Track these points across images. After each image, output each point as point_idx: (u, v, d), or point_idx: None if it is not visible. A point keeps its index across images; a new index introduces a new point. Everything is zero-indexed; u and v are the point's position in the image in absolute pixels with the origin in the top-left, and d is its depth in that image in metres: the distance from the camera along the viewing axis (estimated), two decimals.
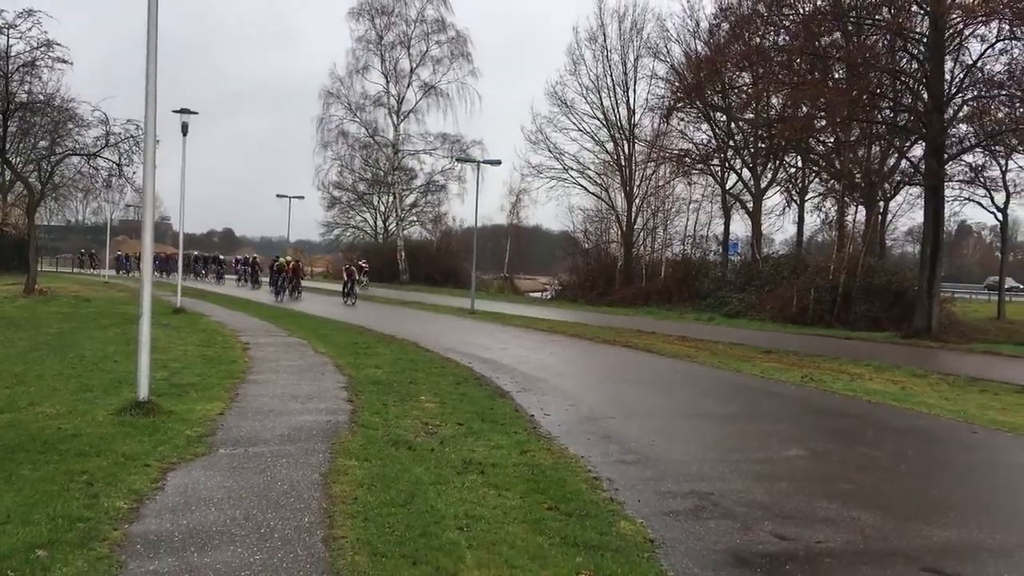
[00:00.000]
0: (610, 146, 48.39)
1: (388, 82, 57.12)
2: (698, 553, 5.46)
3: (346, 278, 35.54)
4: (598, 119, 47.96)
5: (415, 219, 61.95)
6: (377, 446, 7.91)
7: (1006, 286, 46.64)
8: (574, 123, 48.26)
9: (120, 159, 29.01)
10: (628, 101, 47.11)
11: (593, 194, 49.51)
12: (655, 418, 10.79)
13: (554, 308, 38.12)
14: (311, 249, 64.81)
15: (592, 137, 48.52)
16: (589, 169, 49.19)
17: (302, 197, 57.09)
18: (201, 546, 5.10)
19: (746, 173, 41.67)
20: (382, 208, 62.14)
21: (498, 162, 39.25)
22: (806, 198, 40.19)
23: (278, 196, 49.75)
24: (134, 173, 29.33)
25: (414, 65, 56.70)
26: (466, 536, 5.44)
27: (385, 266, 55.06)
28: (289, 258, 38.42)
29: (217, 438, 8.04)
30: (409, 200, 60.74)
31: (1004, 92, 25.03)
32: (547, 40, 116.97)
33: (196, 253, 59.15)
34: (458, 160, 54.45)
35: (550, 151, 49.06)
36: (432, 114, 60.16)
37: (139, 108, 9.30)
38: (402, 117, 57.39)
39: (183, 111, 24.63)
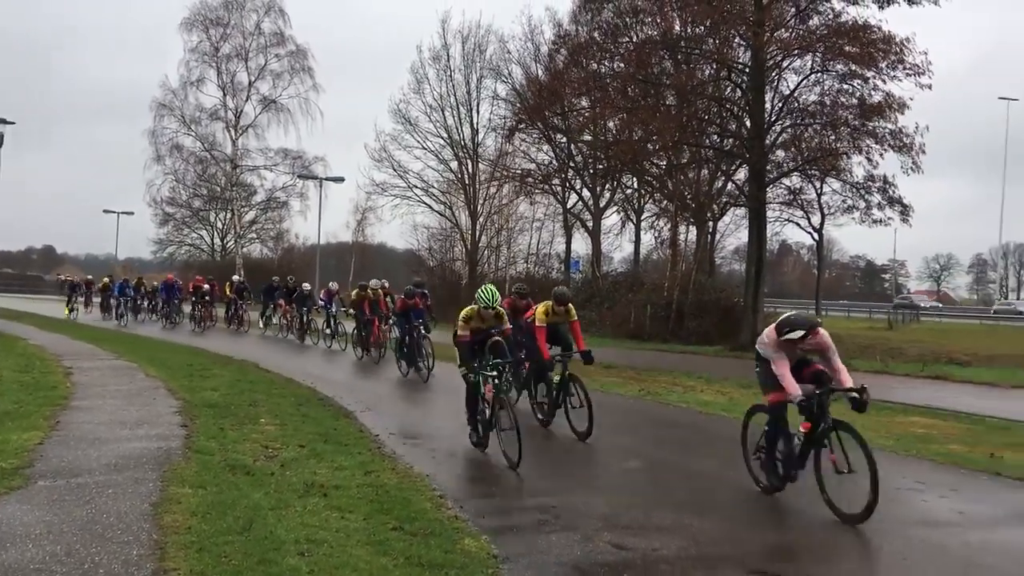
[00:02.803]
0: (454, 165, 48.56)
1: (225, 95, 55.15)
2: (540, 566, 5.56)
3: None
4: (442, 138, 48.05)
5: (255, 236, 59.84)
6: (213, 472, 7.60)
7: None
8: (418, 141, 48.11)
9: None
10: (472, 121, 47.48)
11: (437, 212, 49.47)
12: None
13: None
14: (143, 268, 61.50)
15: (436, 155, 48.52)
16: (433, 187, 49.21)
17: (131, 213, 54.25)
18: None
19: (586, 193, 42.91)
20: (220, 225, 59.84)
21: (341, 179, 38.85)
22: (642, 218, 41.88)
23: (105, 212, 47.14)
24: None
25: (252, 79, 55.00)
26: (307, 561, 5.31)
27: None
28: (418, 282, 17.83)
29: (35, 469, 7.49)
30: (248, 217, 58.62)
31: (816, 121, 27.06)
32: (393, 58, 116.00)
33: (285, 279, 29.16)
34: (300, 177, 53.23)
35: (394, 169, 48.71)
36: (273, 129, 58.25)
37: None
38: (240, 131, 55.49)
39: None
